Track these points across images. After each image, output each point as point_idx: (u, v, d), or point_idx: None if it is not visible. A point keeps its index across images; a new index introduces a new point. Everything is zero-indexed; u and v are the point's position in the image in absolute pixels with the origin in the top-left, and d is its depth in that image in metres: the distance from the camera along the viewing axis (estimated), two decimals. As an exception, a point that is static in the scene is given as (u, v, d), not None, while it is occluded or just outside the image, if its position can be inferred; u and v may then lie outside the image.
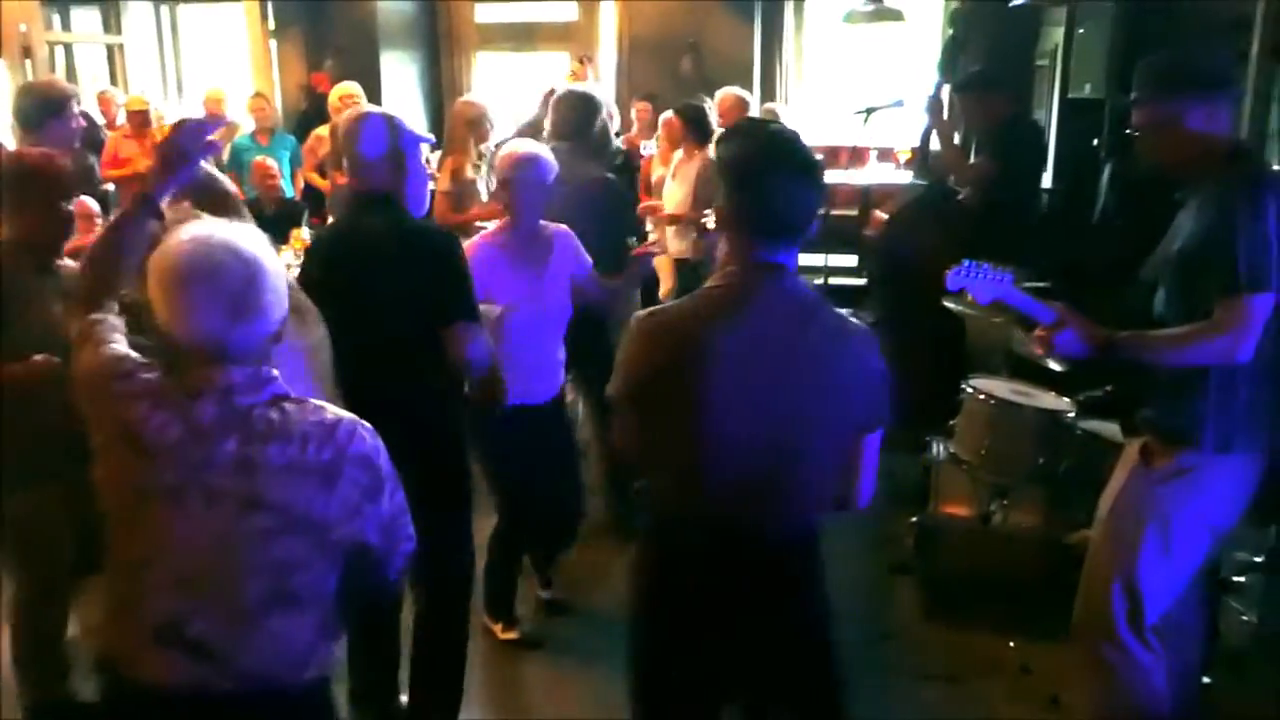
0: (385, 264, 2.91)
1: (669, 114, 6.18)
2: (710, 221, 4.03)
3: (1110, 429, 3.46)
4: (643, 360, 2.10)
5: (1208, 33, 5.61)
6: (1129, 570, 2.73)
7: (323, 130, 6.98)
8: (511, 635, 3.90)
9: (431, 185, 3.91)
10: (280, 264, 1.87)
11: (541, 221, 3.65)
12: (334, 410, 1.83)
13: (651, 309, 2.18)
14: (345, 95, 6.17)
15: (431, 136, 3.29)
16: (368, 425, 1.85)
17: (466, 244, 3.54)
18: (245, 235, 1.83)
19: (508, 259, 3.56)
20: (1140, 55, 2.79)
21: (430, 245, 3.01)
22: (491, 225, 3.81)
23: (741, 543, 2.10)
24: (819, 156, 2.16)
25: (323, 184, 6.98)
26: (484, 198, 5.31)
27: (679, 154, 5.96)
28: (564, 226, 3.73)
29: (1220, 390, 2.60)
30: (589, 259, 3.72)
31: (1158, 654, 2.78)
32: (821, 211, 2.15)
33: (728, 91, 6.47)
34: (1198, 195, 2.66)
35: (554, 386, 3.80)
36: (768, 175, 2.05)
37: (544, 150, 3.63)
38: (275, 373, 1.82)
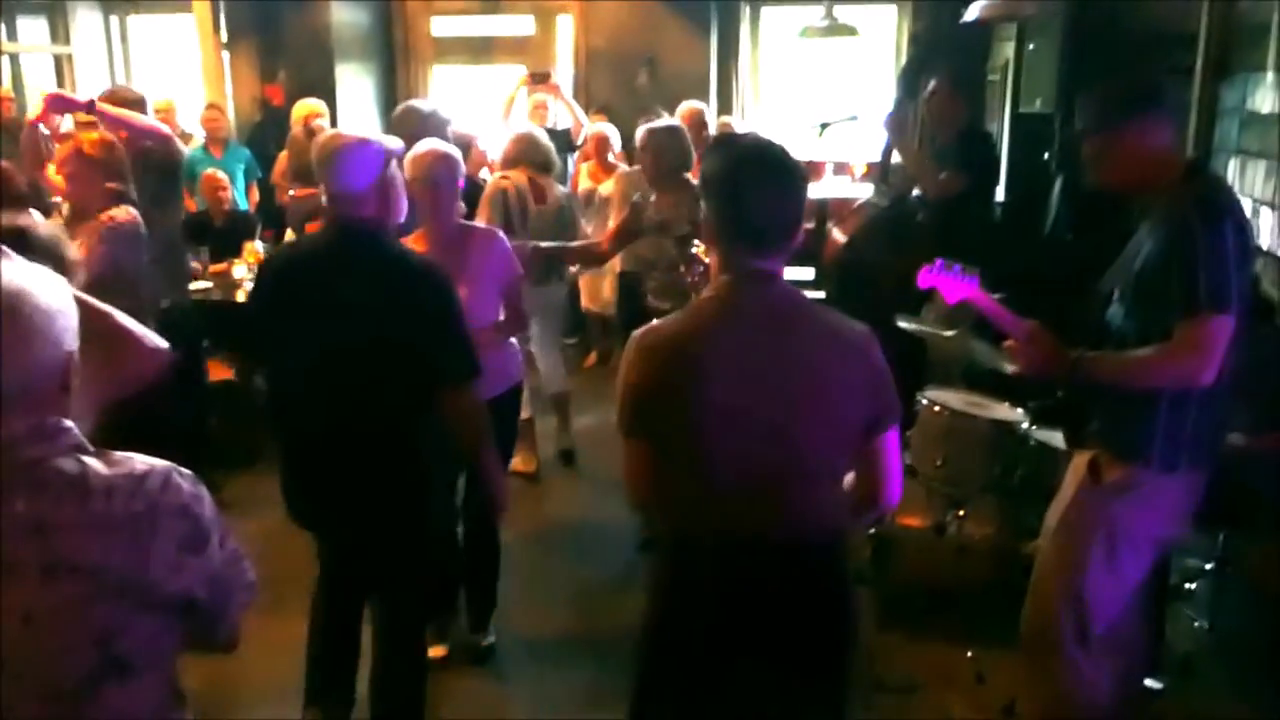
0: (366, 301, 2.74)
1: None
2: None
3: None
4: (645, 379, 2.08)
5: (1153, 49, 5.72)
6: (1075, 582, 2.77)
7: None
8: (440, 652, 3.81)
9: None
10: (63, 295, 1.57)
11: (470, 223, 3.67)
12: (144, 459, 1.61)
13: (646, 327, 2.15)
14: (311, 114, 6.13)
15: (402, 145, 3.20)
16: (186, 471, 1.63)
17: None
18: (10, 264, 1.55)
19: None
20: (1089, 71, 2.85)
21: (425, 286, 2.81)
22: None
23: (761, 556, 2.08)
24: (801, 163, 2.16)
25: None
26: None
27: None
28: (496, 229, 3.74)
29: (1171, 409, 2.63)
30: (519, 268, 3.69)
31: (1103, 664, 2.82)
32: (801, 225, 2.16)
33: (687, 105, 6.56)
34: (1155, 213, 2.69)
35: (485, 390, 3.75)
36: (749, 185, 2.07)
37: (454, 149, 3.57)
38: (69, 423, 1.58)
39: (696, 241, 4.06)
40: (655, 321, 2.15)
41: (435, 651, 3.73)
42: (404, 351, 2.74)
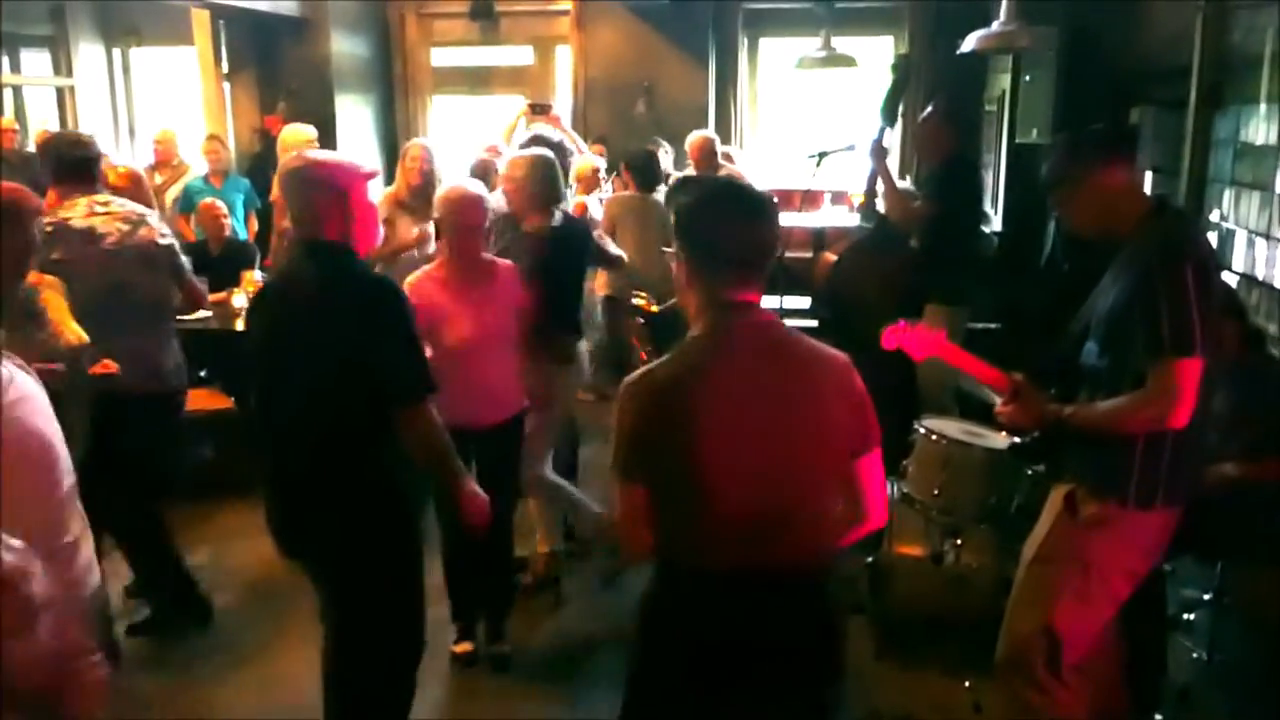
0: (315, 320, 2.75)
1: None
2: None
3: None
4: (640, 424, 2.09)
5: (1148, 80, 5.77)
6: (1049, 613, 2.80)
7: None
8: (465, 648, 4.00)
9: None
10: None
11: (485, 255, 3.86)
12: None
13: (640, 371, 2.17)
14: (305, 144, 6.15)
15: (377, 169, 3.18)
16: (15, 544, 1.40)
17: (409, 280, 3.74)
18: None
19: (450, 292, 3.72)
20: (1084, 102, 2.90)
21: (379, 305, 2.79)
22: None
23: (761, 588, 2.09)
24: (770, 194, 2.21)
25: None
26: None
27: None
28: (507, 262, 3.91)
29: (1148, 447, 2.66)
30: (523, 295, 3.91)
31: (1076, 692, 2.83)
32: (776, 255, 2.19)
33: (698, 135, 6.67)
34: (1122, 256, 2.74)
35: (500, 411, 3.87)
36: (722, 220, 2.11)
37: (481, 190, 3.82)
38: None
39: (639, 292, 4.17)
40: (647, 366, 2.17)
41: (461, 648, 3.99)
42: (361, 371, 2.72)
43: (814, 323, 6.36)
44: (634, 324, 4.16)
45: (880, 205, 5.48)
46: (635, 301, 4.17)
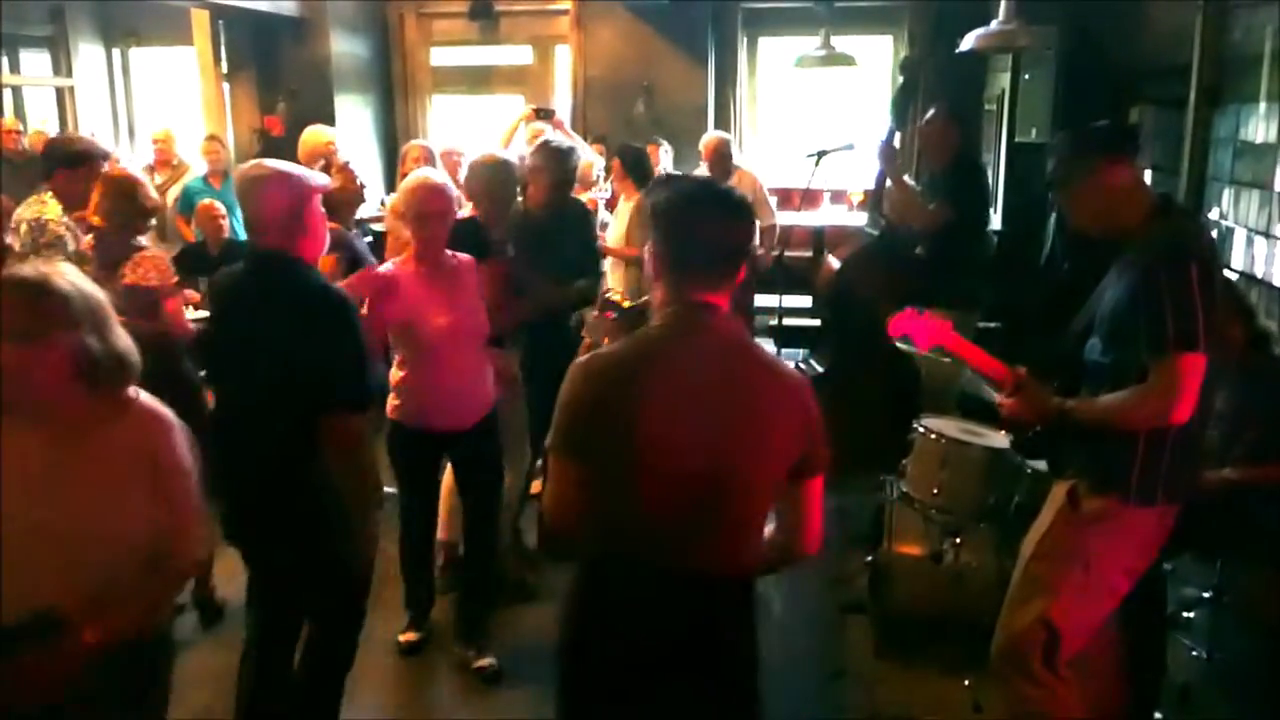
0: (269, 327, 2.81)
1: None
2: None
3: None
4: (583, 402, 2.09)
5: (1147, 79, 5.77)
6: (1048, 607, 2.80)
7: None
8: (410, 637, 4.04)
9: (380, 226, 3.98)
10: None
11: (452, 253, 3.81)
12: None
13: (590, 354, 2.18)
14: (323, 142, 6.15)
15: (329, 183, 3.22)
16: None
17: (382, 268, 3.85)
18: None
19: (422, 283, 3.70)
20: (1084, 101, 2.90)
21: (323, 312, 2.82)
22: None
23: (675, 585, 2.09)
24: (747, 200, 2.21)
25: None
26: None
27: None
28: (467, 256, 3.87)
29: (1149, 444, 2.67)
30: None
31: (1072, 687, 2.84)
32: (776, 253, 2.20)
33: (713, 135, 6.70)
34: (1125, 254, 2.74)
35: (474, 412, 3.83)
36: (693, 220, 2.12)
37: (445, 181, 3.79)
38: None
39: (612, 288, 4.16)
40: (600, 348, 2.19)
41: (406, 637, 4.04)
42: (300, 376, 2.74)
43: (816, 322, 6.39)
44: (605, 321, 4.13)
45: (887, 207, 5.48)
46: (608, 295, 4.15)
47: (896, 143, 5.53)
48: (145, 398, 2.22)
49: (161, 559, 2.16)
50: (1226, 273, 4.42)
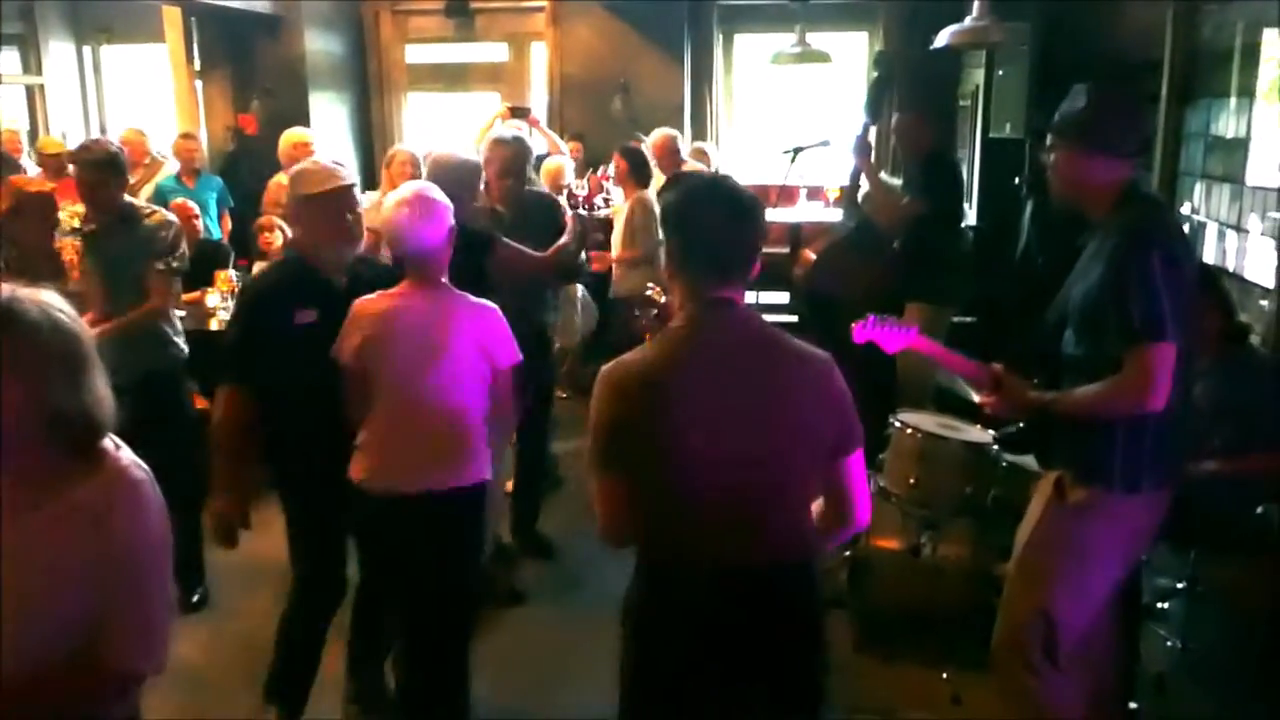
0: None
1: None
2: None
3: (1034, 461, 3.54)
4: (616, 415, 2.09)
5: (1120, 75, 5.80)
6: (1044, 598, 2.81)
7: (282, 178, 6.92)
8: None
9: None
10: None
11: (460, 292, 3.14)
12: None
13: (614, 361, 2.16)
14: (299, 143, 6.11)
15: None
16: None
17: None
18: None
19: (399, 311, 3.10)
20: (1056, 97, 2.89)
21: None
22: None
23: (735, 581, 2.09)
24: (757, 196, 2.21)
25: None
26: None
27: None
28: (494, 306, 3.17)
29: (1129, 432, 2.68)
30: (516, 352, 3.18)
31: (1072, 678, 2.86)
32: (759, 254, 2.20)
33: (660, 132, 6.62)
34: (1095, 238, 2.76)
35: (456, 473, 3.10)
36: (707, 218, 2.12)
37: (437, 194, 3.13)
38: None
39: (651, 285, 4.10)
40: (623, 356, 2.16)
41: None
42: None
43: (794, 318, 6.41)
44: (645, 320, 4.09)
45: (862, 201, 5.51)
46: (647, 293, 4.11)
47: (871, 137, 5.55)
48: (120, 454, 1.80)
49: (94, 655, 1.73)
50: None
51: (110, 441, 1.78)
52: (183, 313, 5.51)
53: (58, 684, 1.71)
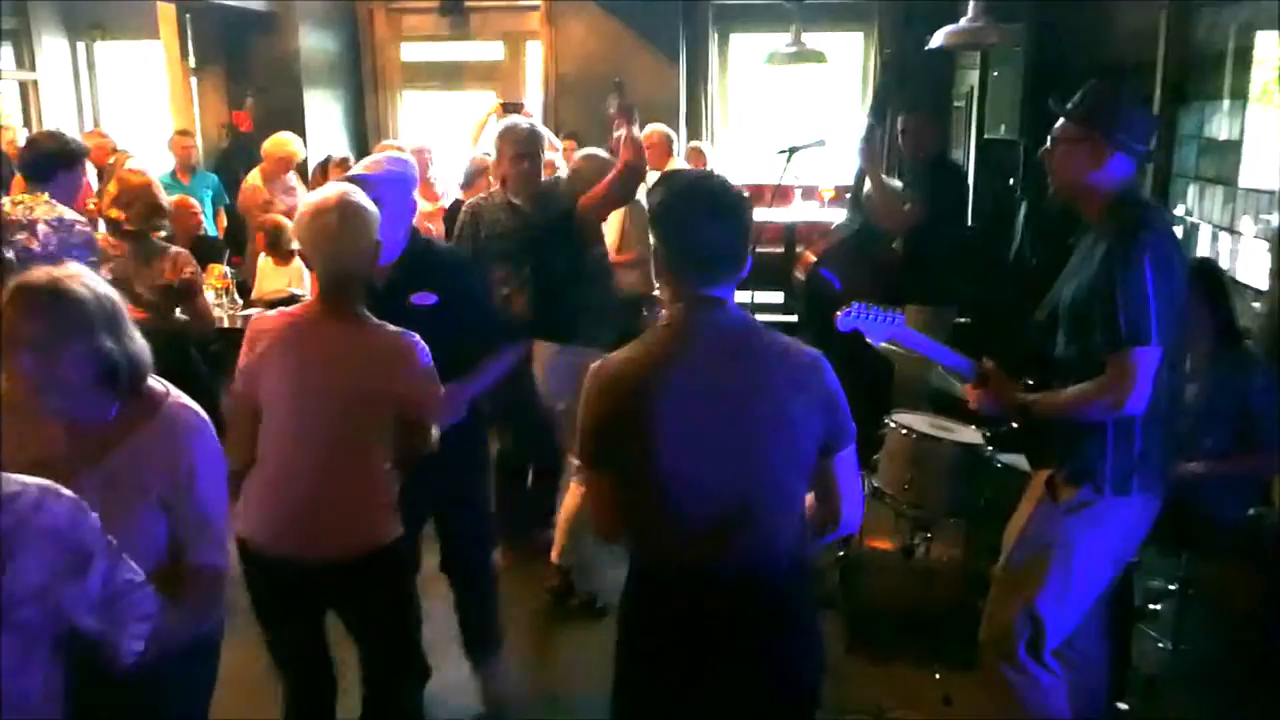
0: None
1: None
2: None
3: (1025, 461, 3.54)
4: (603, 411, 2.09)
5: (1113, 76, 5.81)
6: (1032, 597, 2.81)
7: (254, 178, 6.93)
8: None
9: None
10: None
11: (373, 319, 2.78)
12: (20, 479, 1.60)
13: (602, 360, 2.16)
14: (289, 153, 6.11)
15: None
16: (68, 494, 1.64)
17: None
18: None
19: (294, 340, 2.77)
20: (1050, 98, 2.88)
21: None
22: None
23: (727, 583, 2.09)
24: (745, 194, 2.20)
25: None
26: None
27: None
28: (412, 335, 2.72)
29: (1118, 434, 2.69)
30: (434, 385, 2.78)
31: (1058, 677, 2.86)
32: (747, 253, 2.19)
33: (653, 128, 6.59)
34: (1088, 238, 2.77)
35: (353, 539, 2.65)
36: (695, 217, 2.11)
37: (362, 200, 2.72)
38: None
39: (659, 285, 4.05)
40: (611, 354, 2.16)
41: None
42: None
43: (789, 318, 6.41)
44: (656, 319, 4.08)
45: (865, 203, 5.50)
46: (656, 293, 4.10)
47: (875, 141, 5.55)
48: (177, 396, 2.18)
49: (181, 565, 2.11)
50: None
51: (160, 385, 2.16)
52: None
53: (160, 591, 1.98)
